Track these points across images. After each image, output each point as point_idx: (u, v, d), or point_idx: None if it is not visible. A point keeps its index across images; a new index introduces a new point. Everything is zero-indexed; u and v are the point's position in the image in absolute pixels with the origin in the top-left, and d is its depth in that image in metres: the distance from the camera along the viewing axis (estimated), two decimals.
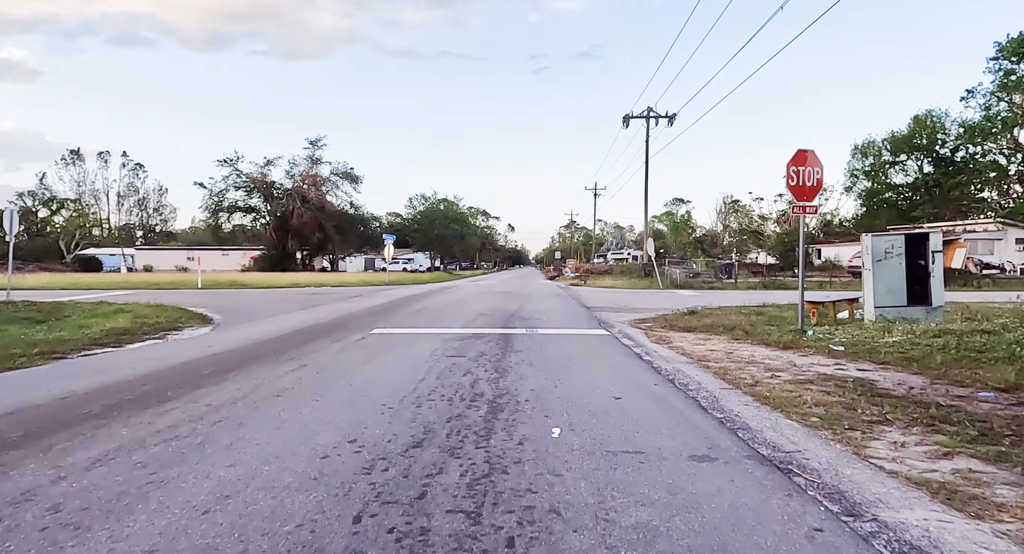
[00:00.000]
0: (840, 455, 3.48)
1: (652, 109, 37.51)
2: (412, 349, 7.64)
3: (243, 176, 52.82)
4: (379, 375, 5.78)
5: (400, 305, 15.47)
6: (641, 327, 10.70)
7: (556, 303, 16.89)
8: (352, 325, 10.53)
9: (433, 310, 13.73)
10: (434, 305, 15.37)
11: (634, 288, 27.34)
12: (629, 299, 18.83)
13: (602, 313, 13.72)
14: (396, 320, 11.43)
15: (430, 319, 11.62)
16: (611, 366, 6.54)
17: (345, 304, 15.85)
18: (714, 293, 22.82)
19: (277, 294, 21.12)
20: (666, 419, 4.25)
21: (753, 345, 8.37)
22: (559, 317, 12.40)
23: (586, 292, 23.57)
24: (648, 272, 38.32)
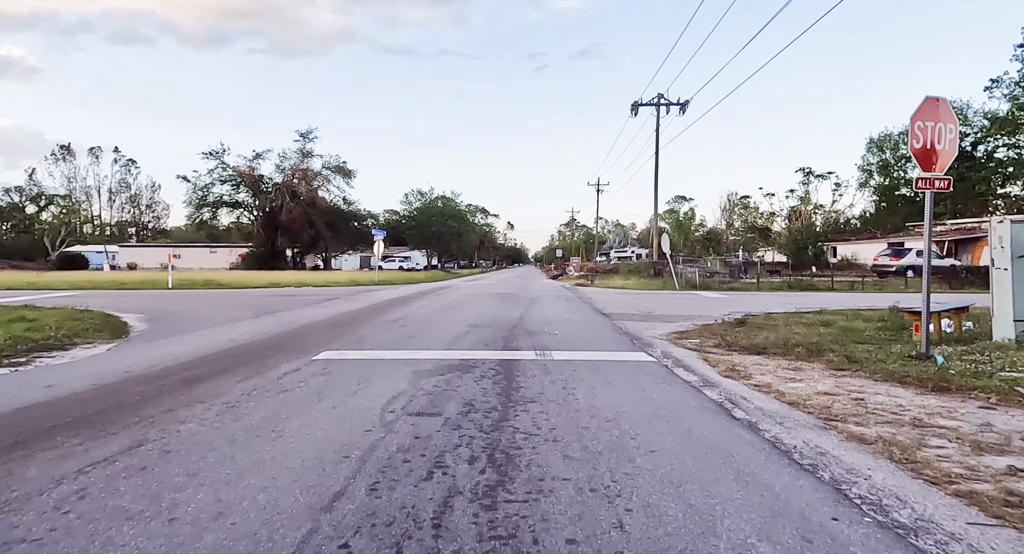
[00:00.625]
0: None
1: (663, 96, 34.71)
2: (360, 395, 4.82)
3: (229, 169, 49.91)
4: (258, 478, 2.94)
5: (378, 311, 12.66)
6: (689, 346, 7.90)
7: (567, 308, 14.08)
8: (298, 343, 7.73)
9: (416, 319, 10.90)
10: (419, 312, 12.56)
11: (647, 289, 24.53)
12: (649, 303, 16.04)
13: (626, 322, 10.93)
14: (362, 335, 8.61)
15: (407, 334, 8.80)
16: (697, 443, 3.69)
17: (312, 310, 13.03)
18: (740, 295, 20.01)
19: (245, 297, 18.29)
20: None
21: (875, 381, 5.57)
22: (576, 330, 9.59)
23: (597, 294, 20.76)
24: (658, 271, 35.52)
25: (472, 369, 5.90)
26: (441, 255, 74.60)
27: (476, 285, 28.06)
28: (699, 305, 15.26)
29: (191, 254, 59.70)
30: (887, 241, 44.29)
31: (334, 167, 54.55)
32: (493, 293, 20.31)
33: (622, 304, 15.54)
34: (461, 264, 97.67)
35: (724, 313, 13.06)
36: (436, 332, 8.95)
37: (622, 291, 22.87)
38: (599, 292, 21.92)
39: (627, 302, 16.31)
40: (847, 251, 46.35)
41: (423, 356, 6.67)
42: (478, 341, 7.96)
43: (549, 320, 10.94)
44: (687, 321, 11.36)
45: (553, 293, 21.04)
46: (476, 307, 13.89)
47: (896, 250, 34.91)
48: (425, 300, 16.35)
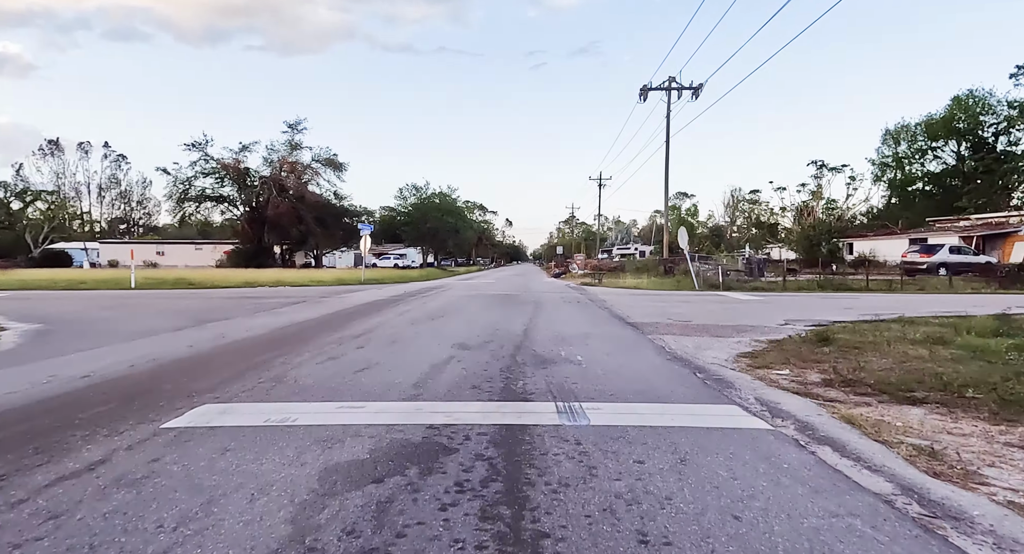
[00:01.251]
0: None
1: (674, 79, 31.85)
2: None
3: (212, 161, 46.87)
4: None
5: (342, 322, 9.80)
6: (784, 383, 5.09)
7: (581, 316, 11.24)
8: (182, 383, 4.85)
9: (383, 335, 8.02)
10: (393, 322, 9.68)
11: (664, 289, 21.70)
12: (676, 307, 13.22)
13: (665, 337, 8.12)
14: (290, 368, 5.73)
15: (359, 364, 5.93)
16: None
17: (259, 319, 10.17)
18: (774, 297, 17.21)
19: (199, 299, 15.43)
20: None
21: None
22: (605, 352, 6.73)
23: (609, 295, 17.91)
24: (669, 269, 32.70)
25: (443, 459, 3.05)
26: (437, 252, 71.68)
27: (472, 285, 25.20)
28: (739, 311, 12.45)
29: (176, 251, 56.76)
30: (908, 237, 41.55)
31: (324, 160, 51.56)
32: (490, 295, 17.48)
33: (645, 308, 12.72)
34: (459, 262, 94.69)
35: (780, 322, 10.29)
36: (405, 359, 6.10)
37: (637, 292, 20.04)
38: (611, 293, 19.09)
39: (650, 306, 13.49)
40: (864, 247, 43.58)
41: (362, 419, 3.81)
42: (464, 379, 5.11)
43: (564, 335, 8.10)
44: (743, 334, 8.56)
45: (559, 294, 18.21)
46: (468, 315, 11.06)
47: (926, 246, 32.16)
48: (408, 304, 13.50)
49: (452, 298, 15.76)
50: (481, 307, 12.75)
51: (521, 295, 17.45)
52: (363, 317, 10.34)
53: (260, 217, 48.70)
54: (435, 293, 18.21)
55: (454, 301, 14.59)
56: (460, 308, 12.44)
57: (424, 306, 12.91)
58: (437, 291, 19.39)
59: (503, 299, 15.48)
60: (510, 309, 12.31)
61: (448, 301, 14.56)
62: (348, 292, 18.69)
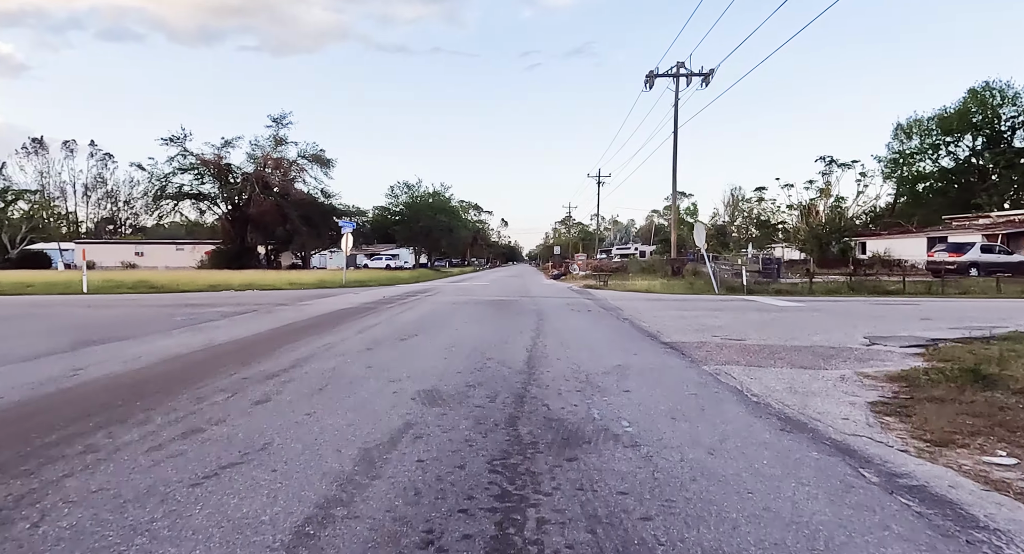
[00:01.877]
0: None
1: (683, 65, 29.26)
2: None
3: (191, 156, 43.98)
4: None
5: (270, 347, 7.08)
6: None
7: (602, 333, 8.56)
8: None
9: (313, 376, 5.23)
10: (342, 348, 6.95)
11: (679, 292, 19.09)
12: (711, 317, 10.59)
13: (735, 370, 5.48)
14: (67, 472, 3.09)
15: (226, 452, 3.25)
16: None
17: (167, 341, 7.45)
18: (819, 302, 14.64)
19: (140, 305, 12.71)
20: None
21: None
22: (668, 411, 4.02)
23: (621, 301, 15.26)
24: (677, 269, 30.10)
25: None
26: (431, 253, 68.93)
27: (463, 288, 22.50)
28: (790, 322, 9.82)
29: (156, 252, 53.84)
30: (925, 236, 39.12)
31: (311, 156, 48.79)
32: (483, 300, 14.81)
33: (674, 320, 10.07)
34: (453, 262, 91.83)
35: (862, 340, 7.77)
36: (320, 436, 3.41)
37: (651, 296, 17.41)
38: (623, 298, 16.44)
39: (677, 315, 10.84)
40: (878, 247, 41.14)
41: None
42: (414, 501, 2.46)
43: (588, 371, 5.42)
44: (834, 364, 5.98)
45: (564, 300, 15.55)
46: (451, 331, 8.39)
47: (955, 245, 29.67)
48: (380, 315, 10.80)
49: (437, 305, 13.08)
50: (470, 319, 10.08)
51: (519, 301, 14.78)
52: (309, 337, 7.64)
53: (242, 216, 45.91)
54: (419, 299, 15.53)
55: (439, 310, 11.91)
56: (443, 320, 9.76)
57: (398, 318, 10.23)
58: (422, 296, 16.70)
59: (498, 307, 12.81)
60: (506, 321, 9.65)
61: (431, 310, 11.89)
62: (320, 297, 15.99)
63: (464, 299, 15.31)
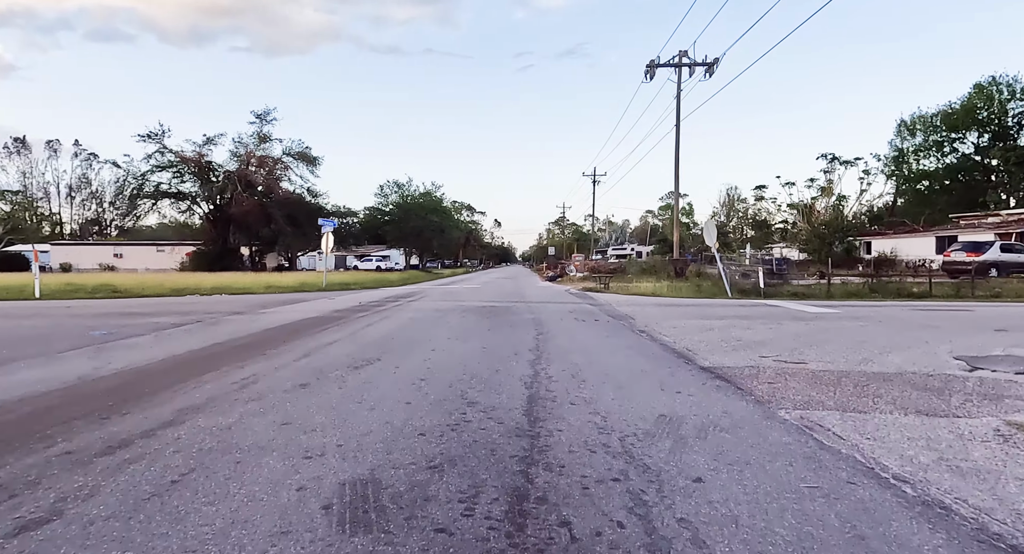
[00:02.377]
0: None
1: (686, 54, 27.50)
2: None
3: (168, 154, 41.79)
4: None
5: (185, 375, 5.17)
6: None
7: (623, 356, 6.63)
8: None
9: (190, 445, 3.40)
10: (273, 384, 5.01)
11: (688, 295, 17.30)
12: (740, 328, 8.76)
13: (830, 419, 3.59)
14: None
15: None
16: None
17: (42, 371, 5.54)
18: (848, 309, 12.87)
19: (70, 316, 10.74)
20: None
21: None
22: (786, 546, 2.25)
23: (631, 307, 13.40)
24: (680, 271, 28.32)
25: None
26: (423, 254, 66.94)
27: (452, 291, 20.61)
28: (846, 334, 8.00)
29: (135, 253, 51.59)
30: (934, 235, 37.61)
31: (296, 153, 46.73)
32: (472, 307, 12.92)
33: (703, 333, 8.23)
34: (446, 263, 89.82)
35: (953, 360, 5.97)
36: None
37: (659, 301, 15.58)
38: (630, 304, 14.59)
39: (704, 328, 8.99)
40: (884, 246, 39.59)
41: None
42: None
43: (619, 426, 3.54)
44: (968, 401, 4.13)
45: (564, 305, 13.69)
46: (426, 353, 6.50)
47: (972, 244, 28.04)
48: (345, 328, 8.89)
49: (419, 314, 11.18)
50: (454, 333, 8.19)
51: (514, 308, 12.90)
52: (233, 363, 5.73)
53: (224, 216, 43.77)
54: (400, 305, 13.62)
55: (419, 320, 10.01)
56: (421, 336, 7.87)
57: (366, 332, 8.32)
58: (405, 301, 14.79)
59: (489, 315, 10.92)
60: (499, 337, 7.77)
61: (409, 320, 9.98)
62: (290, 303, 14.07)
63: (451, 305, 13.42)
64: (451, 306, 13.14)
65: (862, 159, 46.61)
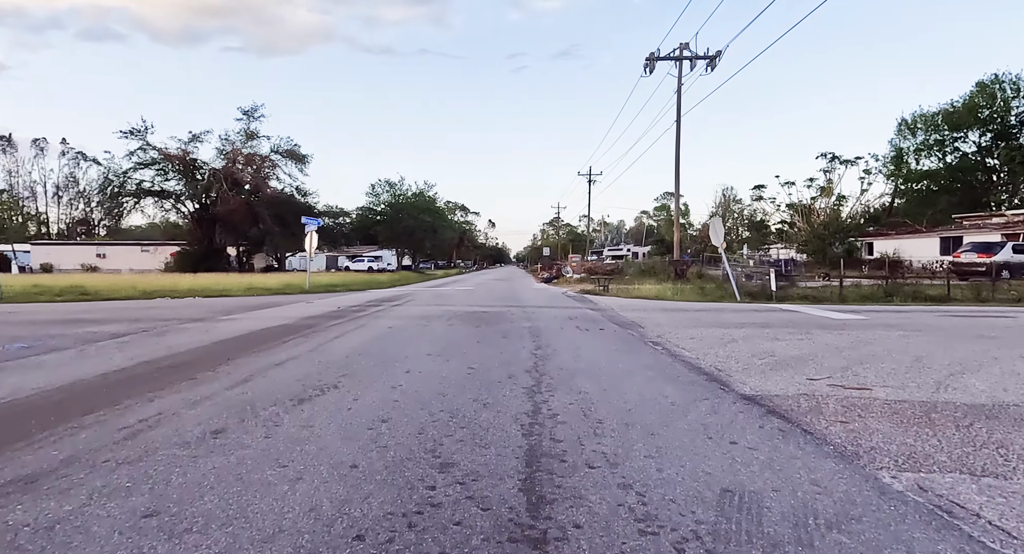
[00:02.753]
0: None
1: (687, 46, 26.35)
2: None
3: (151, 151, 40.25)
4: None
5: (58, 419, 3.93)
6: None
7: (645, 379, 5.31)
8: None
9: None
10: (172, 431, 3.78)
11: (693, 299, 16.13)
12: (768, 338, 7.55)
13: (973, 494, 2.37)
14: None
15: None
16: None
17: None
18: (874, 316, 11.73)
19: (5, 323, 9.42)
20: None
21: None
22: None
23: (637, 313, 12.16)
24: (681, 272, 27.14)
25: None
26: (415, 254, 65.55)
27: (442, 294, 19.34)
28: (890, 346, 6.79)
29: (119, 254, 49.98)
30: (938, 235, 36.62)
31: (284, 151, 45.34)
32: (461, 313, 11.66)
33: (725, 346, 7.01)
34: (439, 264, 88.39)
35: None
36: None
37: (665, 305, 14.37)
38: (633, 308, 13.36)
39: (725, 339, 7.77)
40: (887, 247, 38.59)
41: None
42: None
43: (670, 517, 2.33)
44: None
45: (563, 310, 12.44)
46: (396, 377, 5.24)
47: (983, 245, 27.03)
48: (309, 341, 7.60)
49: (399, 322, 9.91)
50: (435, 348, 6.93)
51: (508, 313, 11.63)
52: (147, 392, 4.45)
53: (209, 215, 42.33)
54: (382, 310, 12.35)
55: (398, 330, 8.74)
56: (394, 352, 6.61)
57: (332, 347, 7.04)
58: (388, 306, 13.52)
59: (479, 324, 9.66)
60: (488, 354, 6.52)
61: (386, 331, 8.71)
62: (261, 308, 12.76)
63: (438, 311, 12.15)
64: (438, 312, 11.87)
65: (863, 158, 45.67)
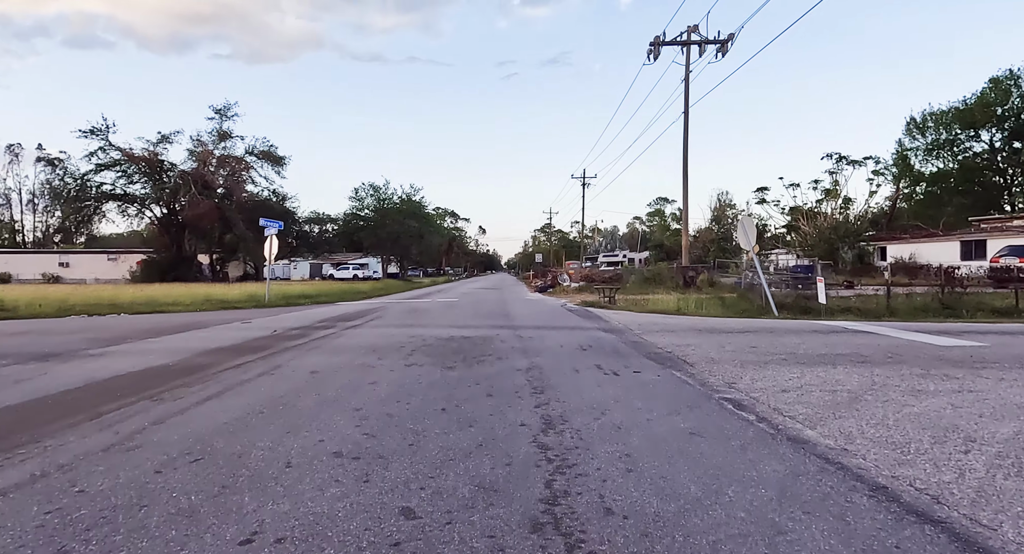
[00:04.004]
0: None
1: (696, 29, 23.60)
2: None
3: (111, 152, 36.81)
4: None
5: None
6: None
7: (806, 542, 2.45)
8: None
9: None
10: None
11: (716, 313, 13.21)
12: (892, 383, 4.61)
13: None
14: None
15: None
16: None
17: None
18: (982, 343, 8.85)
19: None
20: None
21: None
22: None
23: (664, 336, 9.12)
24: (690, 280, 24.25)
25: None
26: (402, 261, 62.34)
27: (418, 309, 16.29)
28: None
29: (84, 262, 46.43)
30: (958, 239, 34.08)
31: (260, 152, 42.12)
32: (432, 338, 8.62)
33: (852, 405, 4.04)
34: (428, 272, 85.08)
35: None
36: None
37: (694, 323, 11.38)
38: (656, 327, 10.34)
39: (829, 385, 4.80)
40: (902, 252, 36.00)
41: None
42: None
43: None
44: None
45: (570, 333, 9.42)
46: (255, 519, 2.19)
47: (1022, 249, 24.44)
48: (167, 404, 4.57)
49: (335, 360, 6.85)
50: (369, 421, 3.91)
51: (496, 338, 8.60)
52: None
53: (177, 220, 38.99)
54: (328, 337, 9.28)
55: (320, 380, 5.70)
56: (289, 434, 3.60)
57: (187, 421, 4.00)
58: (340, 328, 10.45)
59: (452, 360, 6.63)
60: (459, 426, 3.52)
61: (303, 382, 5.66)
62: (178, 331, 9.67)
63: (402, 336, 9.10)
64: (402, 338, 8.81)
65: (871, 158, 43.23)
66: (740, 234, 14.33)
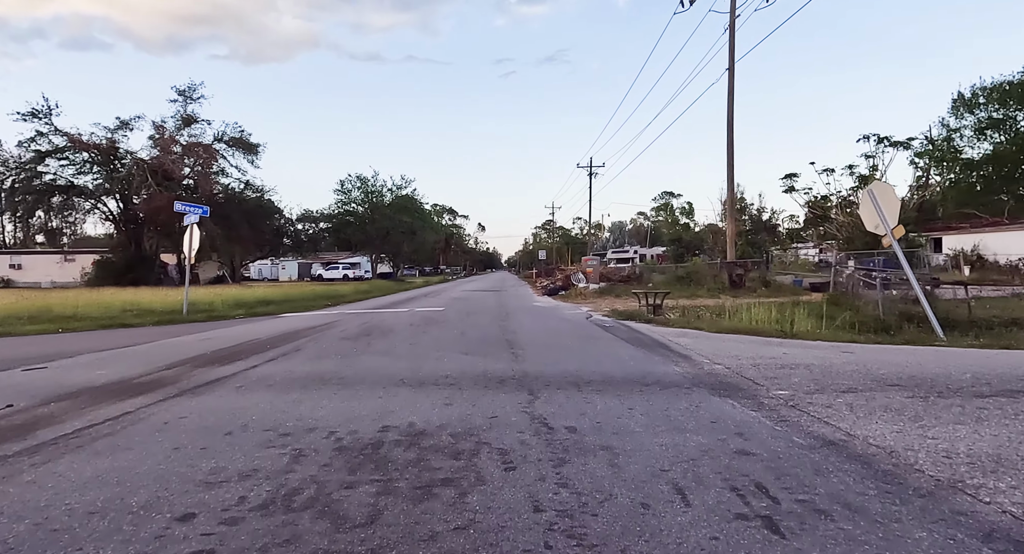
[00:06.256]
0: None
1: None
2: None
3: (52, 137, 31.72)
4: None
5: None
6: None
7: None
8: None
9: None
10: None
11: (841, 337, 8.17)
12: None
13: None
14: None
15: None
16: None
17: None
18: None
19: None
20: None
21: None
22: None
23: (873, 407, 4.09)
24: (739, 279, 19.20)
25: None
26: (396, 259, 57.27)
27: (371, 331, 11.23)
28: None
29: (39, 264, 41.38)
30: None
31: (230, 139, 37.00)
32: (315, 465, 3.61)
33: None
34: (425, 271, 79.96)
35: None
36: None
37: (838, 356, 6.30)
38: (784, 370, 5.29)
39: None
40: (962, 243, 30.93)
41: None
42: None
43: None
44: None
45: (648, 399, 4.38)
46: None
47: None
48: None
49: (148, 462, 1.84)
50: None
51: (481, 447, 3.59)
52: None
53: (133, 216, 33.92)
54: (207, 389, 4.24)
55: None
56: None
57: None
58: (239, 373, 5.45)
59: None
60: None
61: None
62: None
63: (246, 450, 4.09)
64: (236, 468, 3.82)
65: (916, 139, 38.09)
66: (865, 211, 9.28)
